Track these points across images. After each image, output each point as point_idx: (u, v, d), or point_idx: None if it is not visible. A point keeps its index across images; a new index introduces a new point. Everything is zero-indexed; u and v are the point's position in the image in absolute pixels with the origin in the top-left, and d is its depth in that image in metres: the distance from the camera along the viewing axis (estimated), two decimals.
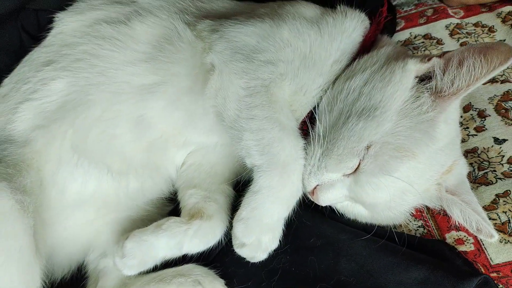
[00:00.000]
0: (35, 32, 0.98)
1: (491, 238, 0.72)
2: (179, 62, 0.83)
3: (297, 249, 0.81)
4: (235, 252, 0.74)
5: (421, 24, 1.11)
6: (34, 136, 0.80)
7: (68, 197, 0.82)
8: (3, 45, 1.02)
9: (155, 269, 0.79)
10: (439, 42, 1.05)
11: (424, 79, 0.72)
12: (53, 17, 0.93)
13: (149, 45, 0.84)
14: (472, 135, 0.91)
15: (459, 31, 1.06)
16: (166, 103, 0.83)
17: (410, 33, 1.10)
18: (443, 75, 0.69)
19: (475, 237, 0.80)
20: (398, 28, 1.12)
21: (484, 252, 0.78)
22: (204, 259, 0.81)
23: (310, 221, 0.84)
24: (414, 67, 0.71)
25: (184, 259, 0.81)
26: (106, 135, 0.82)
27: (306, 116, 0.81)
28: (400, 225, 0.85)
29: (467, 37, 1.04)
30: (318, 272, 0.79)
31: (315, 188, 0.74)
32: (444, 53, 0.70)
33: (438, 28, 1.08)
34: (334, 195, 0.74)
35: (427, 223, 0.84)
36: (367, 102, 0.70)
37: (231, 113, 0.74)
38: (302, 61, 0.77)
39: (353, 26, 0.81)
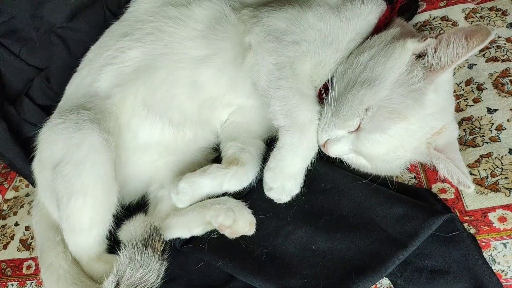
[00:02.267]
0: (116, 9, 1.24)
1: (468, 189, 0.88)
2: (225, 40, 1.03)
3: (311, 191, 1.01)
4: (263, 192, 0.96)
5: (440, 7, 1.23)
6: (114, 92, 1.05)
7: (139, 141, 1.08)
8: (91, 20, 1.28)
9: None
10: (454, 24, 1.18)
11: (421, 56, 0.86)
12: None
13: (204, 25, 1.06)
14: (469, 105, 1.05)
15: (473, 15, 1.17)
16: (214, 71, 1.05)
17: (429, 14, 1.23)
18: (434, 53, 0.83)
19: (456, 188, 0.96)
20: (419, 10, 1.26)
21: (462, 200, 0.94)
22: (237, 195, 1.03)
23: (322, 169, 1.04)
24: (411, 46, 0.86)
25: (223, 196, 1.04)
26: (169, 93, 1.06)
27: (322, 86, 0.99)
28: (396, 176, 1.03)
29: (479, 21, 1.16)
30: (325, 209, 0.99)
31: (326, 142, 0.93)
32: (438, 34, 0.85)
33: (456, 11, 1.20)
34: (341, 147, 0.92)
35: (419, 175, 1.01)
36: (370, 74, 0.87)
37: (263, 83, 0.94)
38: (322, 40, 0.94)
39: (368, 10, 0.97)
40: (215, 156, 1.17)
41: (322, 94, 0.97)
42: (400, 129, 0.85)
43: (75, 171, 0.95)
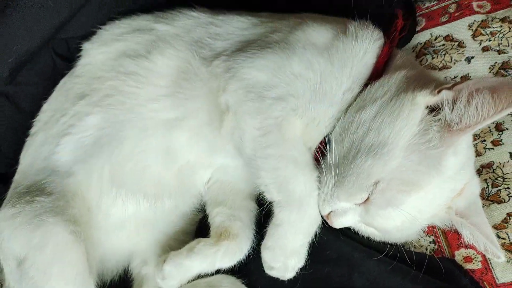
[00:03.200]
0: (67, 54, 1.06)
1: (498, 259, 0.76)
2: (196, 99, 0.88)
3: (315, 260, 0.87)
4: (261, 263, 0.83)
5: (442, 23, 1.06)
6: (76, 170, 0.89)
7: (112, 219, 0.93)
8: (39, 70, 1.09)
9: None
10: (461, 44, 1.02)
11: (434, 109, 0.72)
12: (80, 47, 1.00)
13: (169, 79, 0.90)
14: (488, 148, 0.92)
15: (483, 31, 1.01)
16: (189, 135, 0.89)
17: (430, 33, 1.07)
18: (452, 109, 0.69)
19: (483, 256, 0.84)
20: (418, 28, 1.08)
21: (491, 271, 0.82)
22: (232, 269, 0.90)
23: (326, 235, 0.90)
24: (423, 101, 0.71)
25: None
26: (139, 167, 0.90)
27: (318, 146, 0.84)
28: (413, 240, 0.90)
29: (490, 39, 1.00)
30: (333, 284, 0.87)
31: (329, 213, 0.79)
32: (454, 84, 0.70)
33: (461, 28, 1.03)
34: (347, 221, 0.79)
35: (438, 239, 0.89)
36: (376, 138, 0.72)
37: (248, 151, 0.80)
38: (313, 92, 0.79)
39: (364, 49, 0.81)
40: (201, 217, 1.03)
41: (319, 155, 0.83)
42: (415, 200, 0.72)
43: (42, 277, 0.80)
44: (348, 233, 0.91)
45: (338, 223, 0.79)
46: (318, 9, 0.92)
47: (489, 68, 0.97)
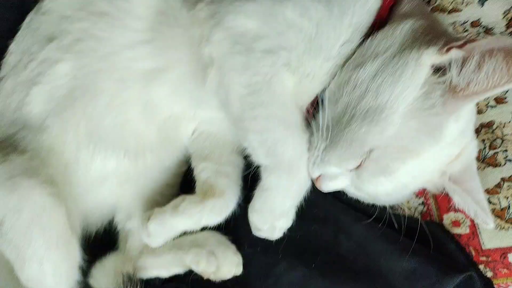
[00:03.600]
0: None
1: (487, 226, 0.74)
2: (177, 48, 0.79)
3: (302, 217, 0.86)
4: (247, 220, 0.81)
5: None
6: (49, 124, 0.82)
7: (92, 175, 0.87)
8: (7, 3, 0.97)
9: None
10: None
11: (440, 69, 0.64)
12: None
13: (147, 23, 0.80)
14: (491, 106, 0.85)
15: None
16: (170, 88, 0.82)
17: None
18: (460, 71, 0.61)
19: (472, 220, 0.83)
20: None
21: (478, 236, 0.82)
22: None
23: (313, 195, 0.88)
24: (429, 60, 0.63)
25: None
26: (117, 121, 0.83)
27: (310, 103, 0.77)
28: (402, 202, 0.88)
29: None
30: (320, 243, 0.86)
31: (318, 176, 0.75)
32: (466, 42, 0.61)
33: None
34: (337, 185, 0.75)
35: (428, 202, 0.86)
36: (373, 101, 0.65)
37: (234, 111, 0.74)
38: (307, 45, 0.71)
39: None
40: (186, 169, 0.98)
41: (310, 114, 0.77)
42: (411, 167, 0.68)
43: (21, 239, 0.77)
44: (336, 194, 0.88)
45: (327, 187, 0.76)
46: None
47: (503, 13, 0.87)
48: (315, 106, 0.76)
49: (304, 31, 0.70)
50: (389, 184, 0.70)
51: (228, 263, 0.84)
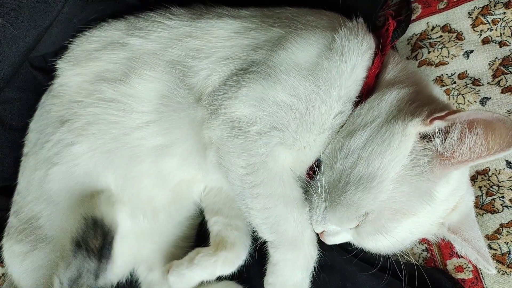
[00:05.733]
0: (46, 67, 1.01)
1: (488, 272, 0.76)
2: (181, 127, 0.85)
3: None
4: (259, 267, 0.86)
5: (440, 11, 0.97)
6: (67, 203, 0.89)
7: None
8: (20, 86, 1.05)
9: None
10: (459, 36, 0.94)
11: (426, 136, 0.68)
12: (55, 64, 0.95)
13: (151, 105, 0.86)
14: None
15: (484, 19, 0.93)
16: (178, 160, 0.88)
17: (427, 23, 0.98)
18: (444, 140, 0.65)
19: (475, 266, 0.85)
20: (414, 17, 1.00)
21: (482, 281, 0.84)
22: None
23: (320, 244, 0.93)
24: (414, 131, 0.67)
25: None
26: (134, 191, 0.91)
27: (310, 167, 0.82)
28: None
29: (491, 29, 0.92)
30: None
31: (322, 232, 0.80)
32: (448, 114, 0.64)
33: (460, 16, 0.95)
34: (340, 240, 0.81)
35: (431, 248, 0.90)
36: (365, 169, 0.70)
37: (236, 188, 0.79)
38: (300, 122, 0.75)
39: (351, 64, 0.75)
40: (201, 220, 1.05)
41: (311, 175, 0.81)
42: (407, 226, 0.72)
43: None
44: (342, 244, 0.93)
45: (330, 241, 0.81)
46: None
47: (489, 64, 0.91)
48: (313, 168, 0.81)
49: (295, 109, 0.74)
50: (387, 241, 0.73)
51: None
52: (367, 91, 0.77)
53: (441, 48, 0.96)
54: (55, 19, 0.93)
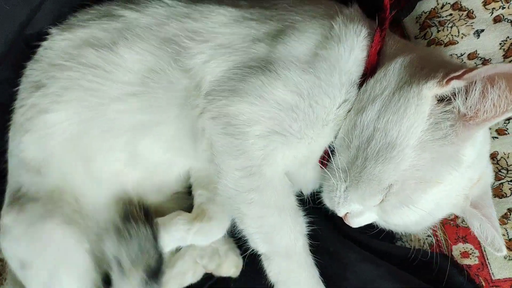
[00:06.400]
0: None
1: (498, 252, 0.74)
2: (171, 107, 0.80)
3: (315, 249, 0.88)
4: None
5: None
6: (46, 171, 0.87)
7: (101, 202, 0.92)
8: (15, 64, 1.02)
9: None
10: (470, 15, 0.91)
11: (444, 99, 0.65)
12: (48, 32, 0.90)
13: (137, 77, 0.81)
14: (493, 137, 0.86)
15: None
16: (162, 143, 0.84)
17: (437, 1, 0.94)
18: (465, 100, 0.62)
19: (481, 251, 0.84)
20: None
21: (487, 267, 0.83)
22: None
23: (324, 231, 0.91)
24: (430, 93, 0.64)
25: None
26: (106, 167, 0.87)
27: (323, 154, 0.78)
28: (410, 233, 0.90)
29: (503, 7, 0.88)
30: (328, 274, 0.86)
31: (346, 214, 0.76)
32: (464, 72, 0.61)
33: None
34: (365, 220, 0.77)
35: (436, 233, 0.88)
36: (383, 140, 0.66)
37: (228, 190, 0.76)
38: (303, 121, 0.72)
39: (349, 47, 0.72)
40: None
41: (325, 162, 0.78)
42: (433, 196, 0.68)
43: (50, 280, 0.83)
44: (345, 230, 0.92)
45: (355, 222, 0.77)
46: None
47: (500, 44, 0.88)
48: (327, 156, 0.77)
49: (296, 109, 0.71)
50: (414, 214, 0.69)
51: (228, 261, 0.91)
52: (371, 69, 0.73)
53: (451, 27, 0.92)
54: None
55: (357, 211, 0.74)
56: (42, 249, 0.82)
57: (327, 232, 0.92)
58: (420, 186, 0.66)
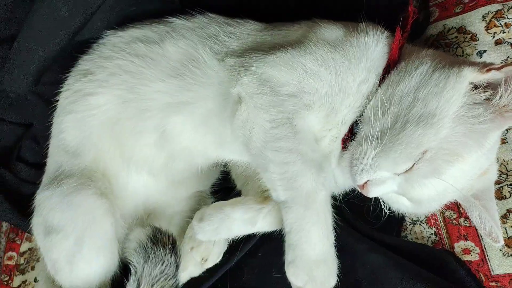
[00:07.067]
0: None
1: (496, 243, 0.80)
2: (205, 86, 0.90)
3: None
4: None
5: (456, 14, 1.05)
6: (83, 150, 0.97)
7: (130, 188, 1.03)
8: (66, 69, 1.14)
9: None
10: (473, 37, 1.02)
11: (478, 87, 0.74)
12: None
13: (179, 63, 0.92)
14: None
15: (497, 23, 1.00)
16: (194, 122, 0.92)
17: (443, 25, 1.06)
18: (503, 90, 0.71)
19: (481, 248, 0.89)
20: (431, 20, 1.08)
21: (487, 263, 0.88)
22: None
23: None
24: (470, 75, 0.73)
25: None
26: (137, 148, 0.97)
27: (347, 132, 0.85)
28: (415, 232, 0.97)
29: (504, 31, 0.99)
30: (339, 268, 0.94)
31: (366, 182, 0.78)
32: (503, 65, 0.71)
33: (474, 20, 1.02)
34: (384, 190, 0.79)
35: (439, 231, 0.94)
36: (424, 109, 0.73)
37: (258, 144, 0.81)
38: (329, 89, 0.80)
39: (375, 40, 0.83)
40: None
41: (348, 140, 0.85)
42: (455, 171, 0.74)
43: (75, 245, 0.91)
44: (352, 222, 0.98)
45: (374, 191, 0.79)
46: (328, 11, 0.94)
47: (501, 63, 0.97)
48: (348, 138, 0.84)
49: (324, 78, 0.80)
50: (435, 187, 0.75)
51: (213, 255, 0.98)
52: (393, 63, 0.83)
53: (456, 48, 1.03)
54: (101, 5, 1.02)
55: (380, 179, 0.77)
56: (74, 216, 0.91)
57: (335, 227, 0.99)
58: (450, 158, 0.72)
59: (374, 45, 0.82)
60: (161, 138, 0.95)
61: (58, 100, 1.05)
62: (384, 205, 0.87)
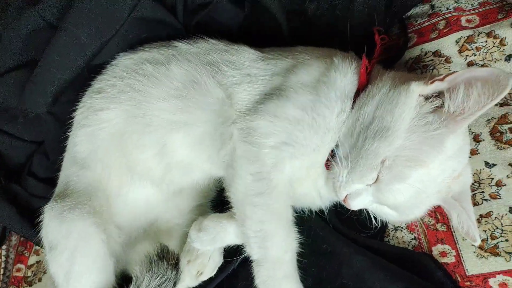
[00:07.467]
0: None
1: (474, 242, 0.88)
2: (206, 112, 0.98)
3: (313, 252, 1.02)
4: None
5: (432, 39, 1.16)
6: (91, 163, 1.05)
7: (129, 203, 1.10)
8: (77, 88, 1.23)
9: None
10: (447, 60, 1.12)
11: (430, 97, 0.82)
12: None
13: (181, 83, 1.01)
14: None
15: (469, 46, 1.11)
16: (191, 140, 1.00)
17: (421, 49, 1.17)
18: (450, 98, 0.79)
19: (457, 251, 0.97)
20: (410, 44, 1.19)
21: (462, 264, 0.95)
22: None
23: (322, 232, 1.06)
24: (417, 89, 0.81)
25: None
26: (140, 160, 1.04)
27: (328, 157, 0.93)
28: (397, 237, 1.05)
29: (475, 54, 1.09)
30: (326, 274, 1.02)
31: (346, 197, 0.89)
32: (446, 75, 0.79)
33: (448, 44, 1.13)
34: (362, 201, 0.88)
35: (419, 236, 1.02)
36: (380, 124, 0.82)
37: (238, 194, 0.91)
38: (308, 130, 0.89)
39: (344, 71, 0.91)
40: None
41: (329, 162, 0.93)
42: (421, 176, 0.81)
43: (68, 262, 0.98)
44: (340, 229, 1.07)
45: (354, 204, 0.88)
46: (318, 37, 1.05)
47: None
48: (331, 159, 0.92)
49: (302, 122, 0.88)
50: (405, 191, 0.82)
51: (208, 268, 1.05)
52: (362, 86, 0.91)
53: (432, 69, 1.13)
54: (116, 33, 1.14)
55: (356, 192, 0.87)
56: (67, 233, 0.98)
57: (325, 233, 1.07)
58: (410, 163, 0.80)
59: (342, 77, 0.91)
60: (161, 151, 1.03)
61: (71, 117, 1.14)
62: (374, 218, 0.97)
